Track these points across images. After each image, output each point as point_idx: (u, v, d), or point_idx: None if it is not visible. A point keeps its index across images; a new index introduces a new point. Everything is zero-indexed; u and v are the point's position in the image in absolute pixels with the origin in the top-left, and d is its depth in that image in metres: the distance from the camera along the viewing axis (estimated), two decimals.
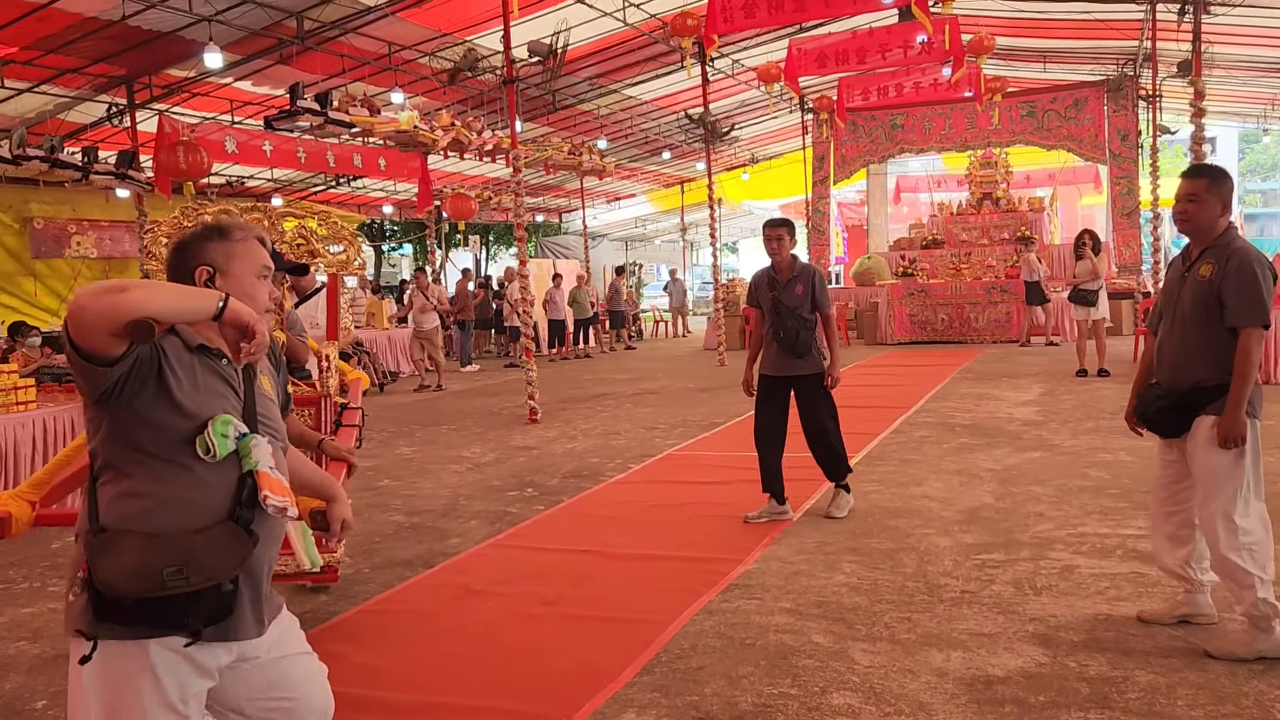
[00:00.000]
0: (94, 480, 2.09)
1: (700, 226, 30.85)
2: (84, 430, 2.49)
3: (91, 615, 2.00)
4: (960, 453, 7.92)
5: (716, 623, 4.43)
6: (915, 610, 4.43)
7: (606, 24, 14.81)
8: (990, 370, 13.65)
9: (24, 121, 13.15)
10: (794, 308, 5.92)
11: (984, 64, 16.86)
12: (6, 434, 6.96)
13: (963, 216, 21.99)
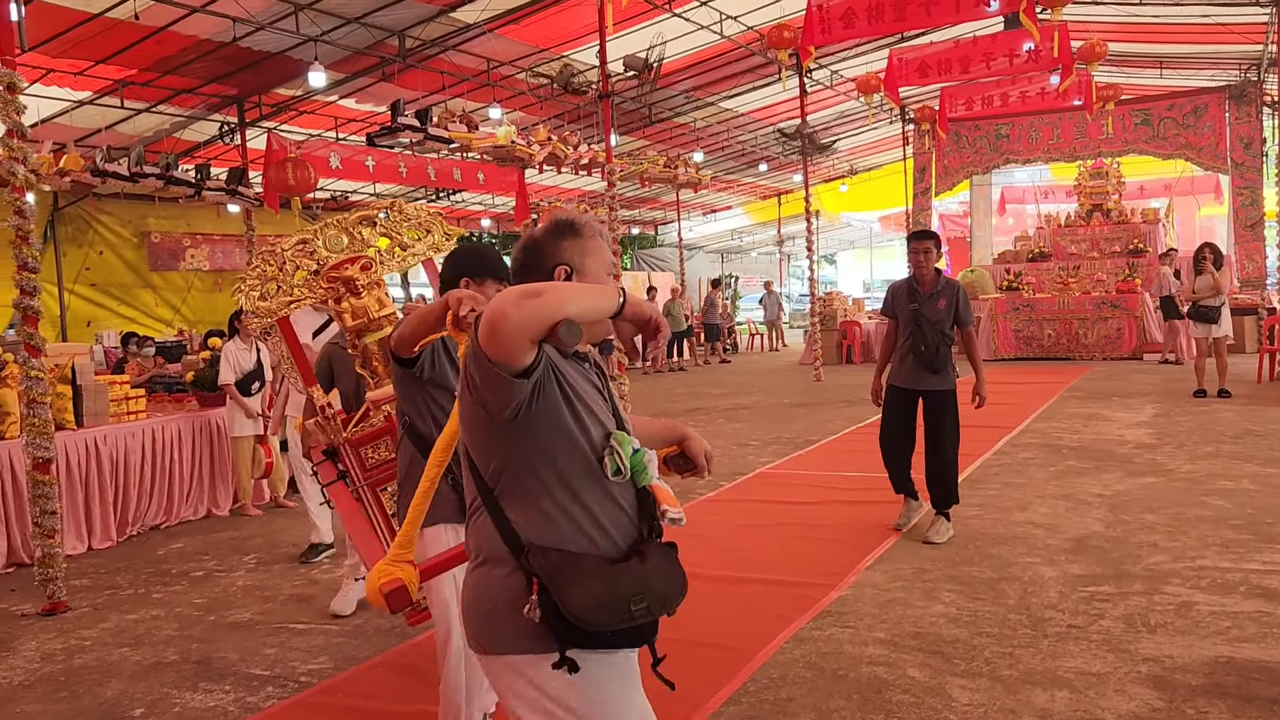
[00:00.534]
0: (493, 501, 2.00)
1: (798, 239, 30.54)
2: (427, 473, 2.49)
3: (551, 638, 1.94)
4: (1067, 476, 7.58)
5: (807, 651, 4.28)
6: (1018, 645, 4.21)
7: (703, 37, 14.76)
8: (1100, 389, 13.11)
9: (142, 140, 13.71)
10: (935, 322, 5.88)
11: (1095, 71, 16.27)
12: (118, 443, 7.19)
13: (1071, 228, 21.24)
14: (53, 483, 5.58)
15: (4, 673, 4.58)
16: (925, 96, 21.06)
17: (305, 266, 3.98)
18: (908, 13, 10.87)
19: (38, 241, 14.19)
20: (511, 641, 1.98)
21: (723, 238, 33.74)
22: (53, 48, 10.95)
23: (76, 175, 11.68)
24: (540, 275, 2.10)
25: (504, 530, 1.99)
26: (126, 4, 10.23)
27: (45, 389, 5.59)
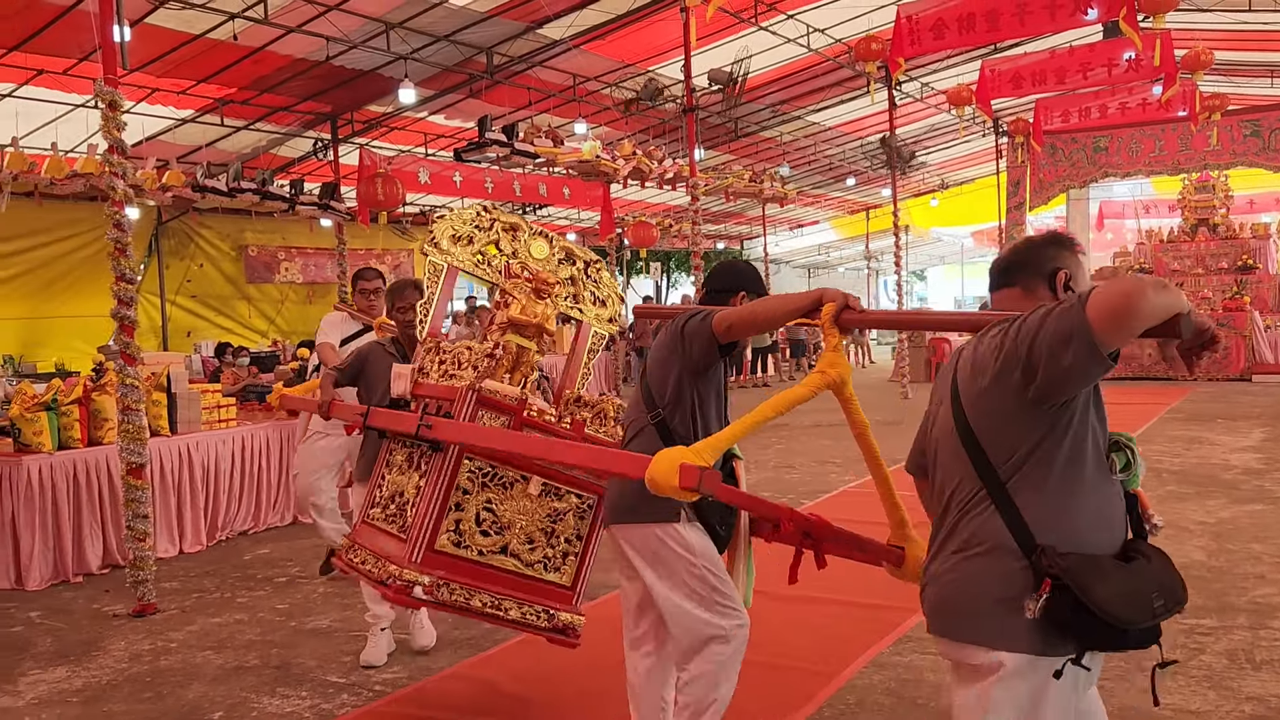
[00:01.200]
0: (1003, 493, 2.05)
1: (886, 254, 30.09)
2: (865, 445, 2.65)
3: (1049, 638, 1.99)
4: (1167, 502, 7.26)
5: (886, 678, 4.16)
6: (1110, 678, 4.02)
7: (789, 50, 14.65)
8: (1203, 411, 12.58)
9: (240, 157, 14.14)
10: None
11: (1200, 80, 15.67)
12: (209, 450, 7.38)
13: (1174, 244, 20.49)
14: (145, 487, 5.74)
15: (94, 672, 4.71)
16: (1019, 108, 20.57)
17: (502, 246, 4.05)
18: (1000, 23, 10.59)
19: (140, 254, 14.71)
20: (996, 637, 2.02)
21: (809, 253, 33.42)
22: (157, 68, 11.37)
23: (178, 190, 12.08)
24: (1037, 275, 2.22)
25: (1013, 523, 2.04)
26: (226, 25, 10.57)
27: (140, 396, 5.76)
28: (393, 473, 3.74)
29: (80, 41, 9.88)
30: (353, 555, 3.72)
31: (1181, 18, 14.27)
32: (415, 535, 3.39)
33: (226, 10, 10.22)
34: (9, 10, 9.62)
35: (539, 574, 3.60)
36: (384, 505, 3.72)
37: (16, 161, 10.52)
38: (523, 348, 3.72)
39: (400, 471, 3.69)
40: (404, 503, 3.58)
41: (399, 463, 3.72)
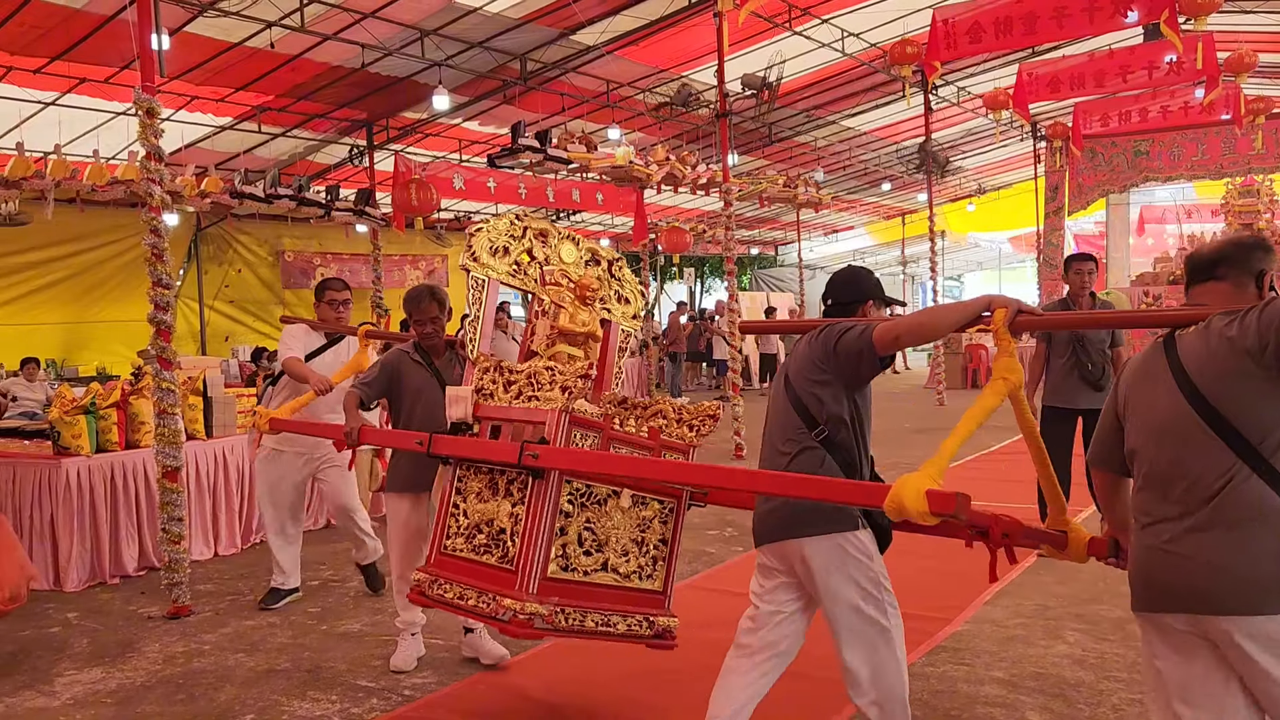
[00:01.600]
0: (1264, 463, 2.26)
1: (922, 260, 29.87)
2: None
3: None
4: None
5: (919, 689, 4.09)
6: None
7: (823, 55, 14.58)
8: None
9: (277, 164, 14.30)
10: (1098, 341, 6.07)
11: (1244, 83, 15.41)
12: (244, 454, 7.44)
13: None
14: (180, 490, 5.80)
15: (129, 673, 4.75)
16: (1058, 112, 20.34)
17: (535, 254, 4.08)
18: (1038, 26, 10.47)
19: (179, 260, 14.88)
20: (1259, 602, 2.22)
21: (844, 258, 33.19)
22: (196, 76, 11.53)
23: (216, 197, 12.25)
24: (1247, 274, 2.43)
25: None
26: (263, 33, 10.69)
27: (176, 400, 5.82)
28: (471, 500, 3.62)
29: (121, 50, 10.05)
30: (440, 590, 3.58)
31: (1224, 19, 14.04)
32: (526, 565, 3.34)
33: (263, 18, 10.33)
34: (51, 21, 9.79)
35: (635, 584, 3.63)
36: (469, 535, 3.60)
37: (59, 169, 10.70)
38: (573, 357, 3.72)
39: (482, 499, 3.58)
40: (497, 531, 3.49)
41: (477, 489, 3.61)
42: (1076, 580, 5.49)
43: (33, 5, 9.37)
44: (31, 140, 11.36)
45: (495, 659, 4.61)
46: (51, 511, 6.27)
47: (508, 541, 3.45)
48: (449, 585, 3.55)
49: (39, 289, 14.22)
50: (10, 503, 6.33)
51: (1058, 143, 20.24)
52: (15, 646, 5.21)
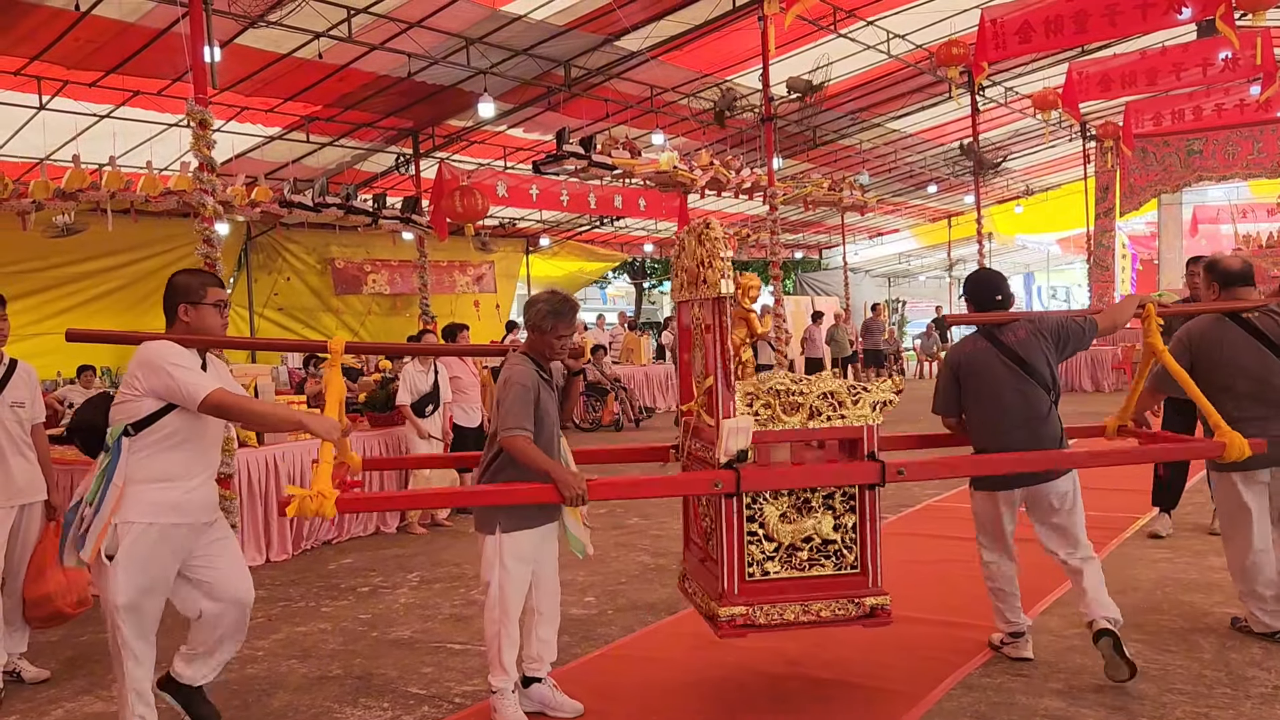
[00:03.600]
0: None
1: (969, 262, 29.52)
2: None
3: None
4: None
5: (975, 700, 4.02)
6: (1215, 705, 3.83)
7: (869, 57, 14.47)
8: None
9: (325, 173, 14.47)
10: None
11: None
12: (295, 460, 7.51)
13: (1274, 250, 19.69)
14: (233, 497, 5.86)
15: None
16: (1108, 111, 20.01)
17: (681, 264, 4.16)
18: (1089, 25, 10.29)
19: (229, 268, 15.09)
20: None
21: (889, 261, 32.95)
22: (246, 87, 11.70)
23: (266, 206, 12.42)
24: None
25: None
26: (311, 44, 10.83)
27: None
28: (774, 524, 3.78)
29: (174, 63, 10.23)
30: (770, 615, 3.79)
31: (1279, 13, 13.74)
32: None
33: (312, 29, 10.46)
34: (105, 36, 9.99)
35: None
36: (784, 557, 3.82)
37: (114, 180, 10.91)
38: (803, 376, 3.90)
39: (788, 520, 3.79)
40: (821, 544, 3.82)
41: (780, 512, 3.79)
42: (1135, 589, 5.37)
43: (87, 20, 9.57)
44: (87, 152, 11.60)
45: (572, 713, 4.14)
46: None
47: (842, 550, 3.80)
48: (779, 608, 3.73)
49: (94, 298, 14.51)
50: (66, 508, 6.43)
51: (1108, 142, 19.91)
52: (74, 651, 5.29)
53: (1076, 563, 4.29)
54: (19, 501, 4.74)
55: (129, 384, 3.53)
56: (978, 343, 4.40)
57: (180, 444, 3.59)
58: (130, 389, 3.52)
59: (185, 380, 3.46)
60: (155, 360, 3.48)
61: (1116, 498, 7.79)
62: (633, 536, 7.40)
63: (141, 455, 3.52)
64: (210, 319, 3.71)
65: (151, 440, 3.53)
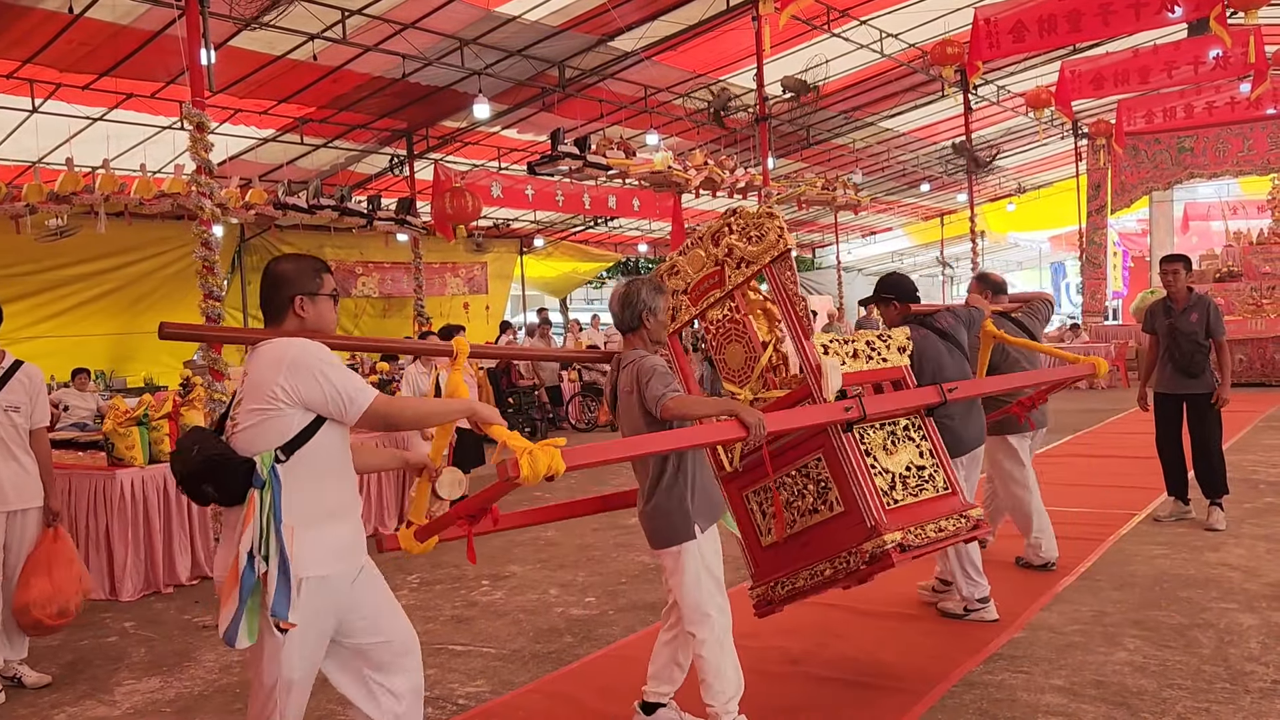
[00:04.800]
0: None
1: (962, 260, 29.60)
2: None
3: None
4: (1266, 515, 6.98)
5: (977, 697, 4.04)
6: (1215, 700, 3.86)
7: (862, 56, 14.50)
8: None
9: (319, 174, 14.44)
10: (1190, 333, 6.60)
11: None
12: None
13: (1264, 246, 19.75)
14: None
15: (185, 683, 4.80)
16: (1100, 109, 20.10)
17: (675, 286, 4.25)
18: (1083, 24, 10.34)
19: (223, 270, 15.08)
20: None
21: (883, 260, 32.99)
22: (240, 89, 11.68)
23: (260, 208, 12.37)
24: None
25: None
26: (306, 46, 10.81)
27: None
28: (881, 455, 3.90)
29: (167, 65, 10.21)
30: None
31: (1273, 12, 13.79)
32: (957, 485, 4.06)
33: (306, 31, 10.45)
34: (99, 38, 9.96)
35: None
36: (901, 483, 3.91)
37: (108, 183, 10.86)
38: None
39: (889, 451, 3.93)
40: (919, 469, 4.00)
41: (881, 443, 3.94)
42: (1133, 585, 5.40)
43: (81, 23, 9.54)
44: (81, 155, 11.56)
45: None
46: (107, 522, 6.37)
47: (934, 473, 3.99)
48: (921, 529, 3.79)
49: (88, 301, 14.46)
50: (66, 513, 6.42)
51: (1100, 140, 20.00)
52: (75, 655, 5.29)
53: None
54: (6, 509, 4.70)
55: (269, 395, 2.71)
56: (918, 330, 4.81)
57: (334, 467, 2.87)
58: (270, 401, 2.71)
59: (346, 386, 2.78)
60: (308, 362, 2.73)
61: (1115, 494, 7.83)
62: (632, 536, 7.40)
63: (297, 486, 2.73)
64: (328, 314, 3.02)
65: (305, 465, 2.75)
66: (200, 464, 2.71)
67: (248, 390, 2.78)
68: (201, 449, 2.72)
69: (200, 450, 2.72)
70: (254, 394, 2.74)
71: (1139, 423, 12.17)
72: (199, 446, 2.74)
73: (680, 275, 4.24)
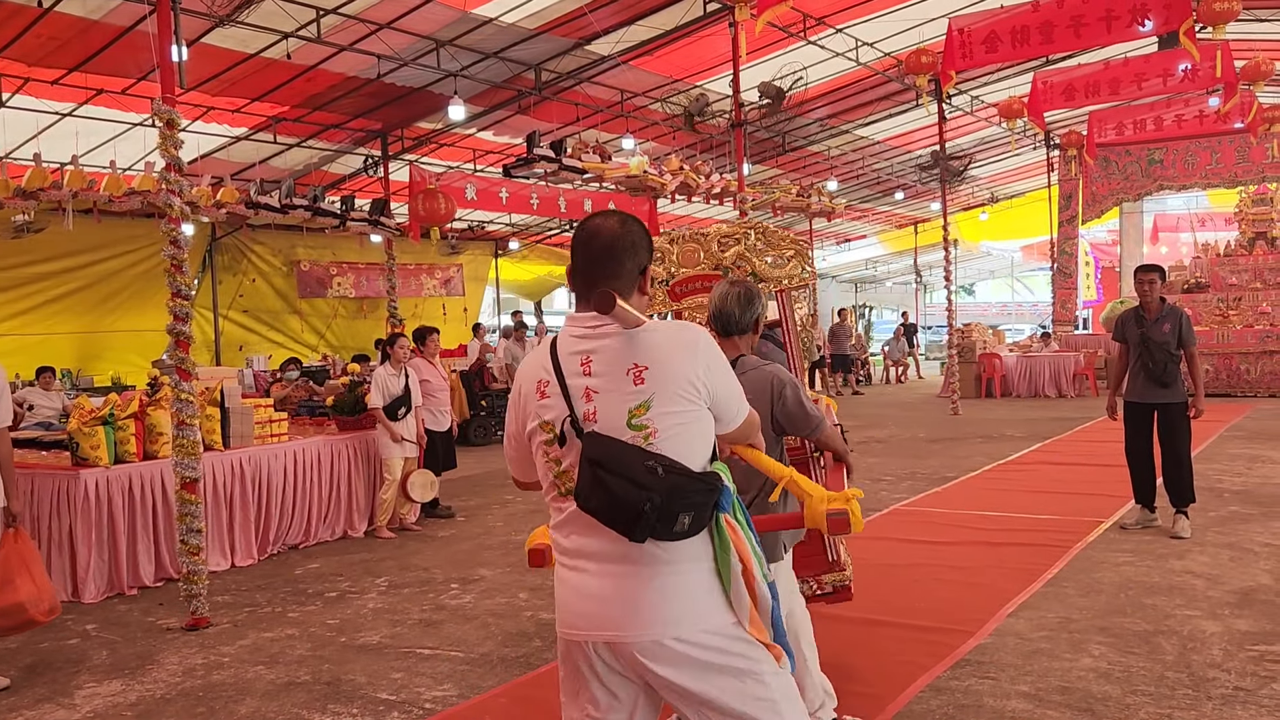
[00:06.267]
0: None
1: (935, 268, 29.82)
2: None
3: None
4: (1230, 523, 7.06)
5: (944, 703, 4.06)
6: (1178, 706, 3.89)
7: (837, 64, 14.57)
8: (1266, 428, 12.25)
9: (292, 174, 14.34)
10: (1162, 343, 6.66)
11: (1260, 91, 15.35)
12: (261, 464, 7.44)
13: (1231, 258, 20.04)
14: (198, 502, 5.78)
15: (148, 686, 4.74)
16: (1072, 121, 20.30)
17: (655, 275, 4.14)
18: (1055, 35, 10.44)
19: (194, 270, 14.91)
20: None
21: (856, 267, 33.19)
22: (213, 87, 11.57)
23: (232, 207, 12.28)
24: None
25: None
26: (280, 44, 10.73)
27: (194, 411, 5.81)
28: None
29: (138, 61, 10.09)
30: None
31: (1241, 28, 14.00)
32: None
33: (280, 30, 10.37)
34: (69, 32, 9.84)
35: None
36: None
37: (76, 179, 10.75)
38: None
39: None
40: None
41: None
42: (1099, 592, 5.44)
43: (50, 17, 9.42)
44: (49, 151, 11.42)
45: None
46: (70, 522, 6.28)
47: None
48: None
49: (54, 299, 14.28)
50: (28, 514, 6.32)
51: (1072, 151, 20.19)
52: (34, 658, 5.21)
53: None
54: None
55: (690, 390, 2.17)
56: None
57: None
58: (694, 398, 2.18)
59: (741, 391, 2.37)
60: (720, 354, 2.27)
61: (1082, 502, 7.90)
62: None
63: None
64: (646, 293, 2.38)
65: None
66: (673, 487, 2.05)
67: (657, 382, 2.14)
68: (665, 467, 2.07)
69: (665, 470, 2.06)
70: (671, 386, 2.14)
71: (1107, 431, 12.28)
72: (651, 463, 2.07)
73: (664, 264, 4.18)
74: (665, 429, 2.13)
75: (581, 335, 2.20)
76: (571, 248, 2.32)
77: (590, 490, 2.08)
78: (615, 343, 2.17)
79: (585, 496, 2.10)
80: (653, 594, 2.11)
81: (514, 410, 2.37)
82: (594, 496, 2.07)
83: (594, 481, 2.07)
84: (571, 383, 2.18)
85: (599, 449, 2.10)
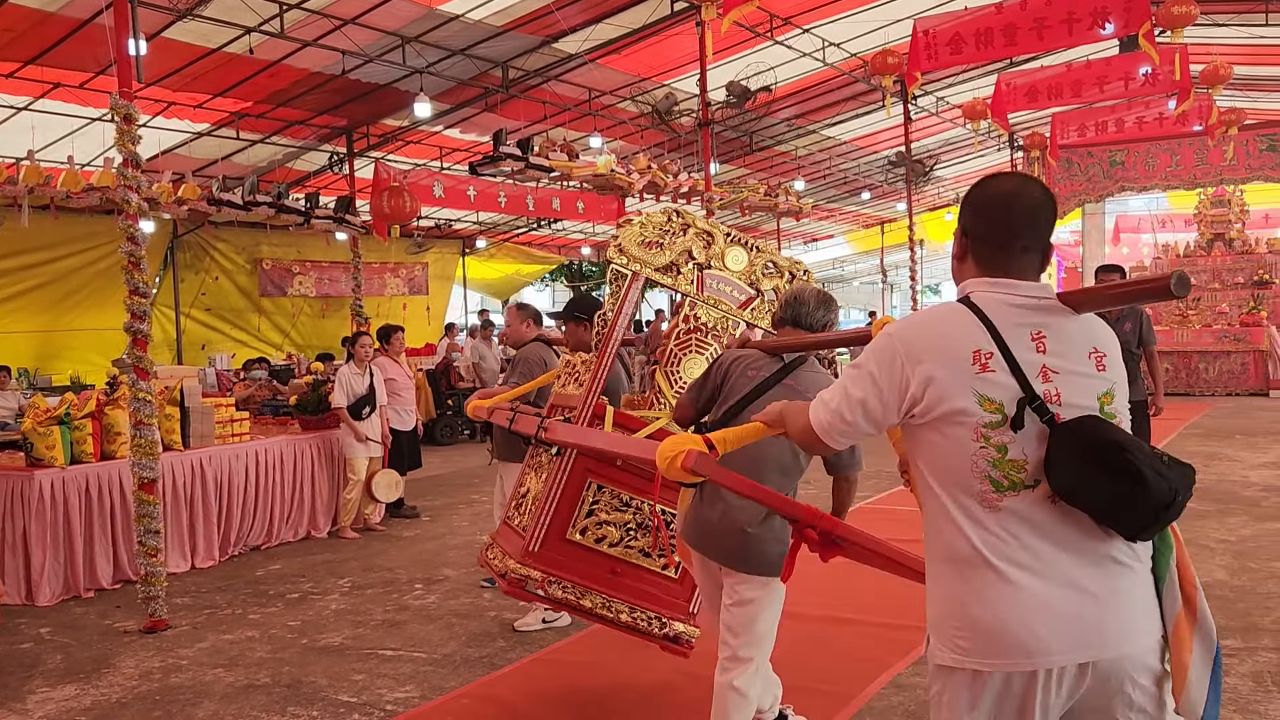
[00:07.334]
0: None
1: (901, 268, 30.03)
2: None
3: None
4: (1186, 519, 7.13)
5: (906, 699, 4.08)
6: None
7: (804, 65, 14.62)
8: (1222, 426, 12.45)
9: (256, 170, 14.17)
10: (1123, 342, 6.41)
11: (1217, 95, 15.59)
12: (222, 464, 7.35)
13: (1191, 259, 20.37)
14: (156, 502, 5.70)
15: (104, 689, 4.66)
16: (1035, 122, 20.50)
17: (696, 255, 4.15)
18: (1018, 38, 10.51)
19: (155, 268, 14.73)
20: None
21: (824, 267, 33.33)
22: (174, 81, 11.41)
23: (194, 204, 12.10)
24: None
25: None
26: (242, 39, 10.60)
27: (152, 410, 5.72)
28: (531, 476, 4.01)
29: (97, 55, 9.93)
30: (490, 553, 3.97)
31: (1199, 32, 14.20)
32: (531, 532, 3.71)
33: (243, 24, 10.25)
34: (26, 24, 9.66)
35: (640, 562, 3.78)
36: (519, 505, 4.03)
37: (33, 175, 10.55)
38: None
39: (536, 473, 3.98)
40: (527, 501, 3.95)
41: (537, 465, 3.99)
42: None
43: (6, 8, 9.24)
44: (4, 146, 11.21)
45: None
46: (24, 524, 6.17)
47: (524, 509, 3.92)
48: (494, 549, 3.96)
49: (11, 297, 14.00)
50: None
51: (1035, 152, 20.39)
52: None
53: None
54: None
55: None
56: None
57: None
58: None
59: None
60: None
61: None
62: None
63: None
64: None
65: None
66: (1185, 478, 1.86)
67: (1116, 372, 2.03)
68: (1169, 457, 1.86)
69: (1169, 460, 1.85)
70: (1122, 380, 2.05)
71: None
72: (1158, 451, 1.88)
73: (624, 249, 4.08)
74: (1125, 425, 1.96)
75: (1023, 306, 1.96)
76: (975, 206, 2.17)
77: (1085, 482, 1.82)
78: (1068, 321, 1.98)
79: (1071, 490, 1.83)
80: (1139, 600, 1.91)
81: (890, 374, 1.97)
82: (1092, 489, 1.81)
83: (1099, 471, 1.80)
84: (1023, 357, 1.90)
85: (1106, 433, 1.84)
